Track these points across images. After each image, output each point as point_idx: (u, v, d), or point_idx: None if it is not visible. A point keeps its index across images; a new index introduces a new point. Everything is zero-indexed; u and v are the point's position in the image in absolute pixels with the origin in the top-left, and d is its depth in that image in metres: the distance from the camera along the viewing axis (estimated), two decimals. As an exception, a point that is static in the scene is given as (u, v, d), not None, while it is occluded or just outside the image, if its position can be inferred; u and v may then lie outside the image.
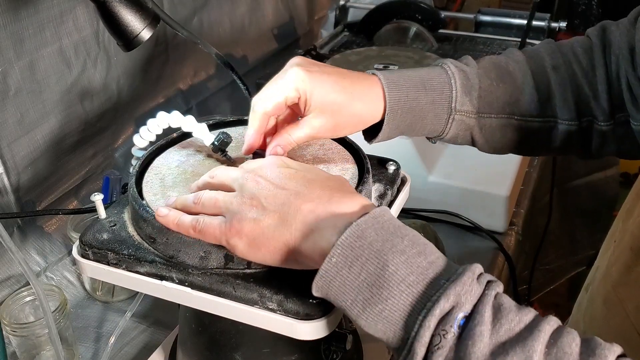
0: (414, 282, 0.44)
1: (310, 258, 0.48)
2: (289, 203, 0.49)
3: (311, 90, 0.59)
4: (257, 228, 0.49)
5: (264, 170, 0.53)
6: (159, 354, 0.78)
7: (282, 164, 0.54)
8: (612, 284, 0.69)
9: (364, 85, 0.63)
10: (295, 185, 0.51)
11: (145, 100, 1.14)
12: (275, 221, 0.49)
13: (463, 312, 0.42)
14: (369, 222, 0.46)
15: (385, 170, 0.67)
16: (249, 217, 0.50)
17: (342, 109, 0.61)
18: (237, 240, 0.50)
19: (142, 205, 0.57)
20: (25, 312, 0.82)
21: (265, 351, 0.64)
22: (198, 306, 0.55)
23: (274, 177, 0.52)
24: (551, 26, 1.33)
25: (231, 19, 1.32)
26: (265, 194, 0.50)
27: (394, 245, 0.45)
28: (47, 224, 0.98)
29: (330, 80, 0.60)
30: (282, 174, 0.52)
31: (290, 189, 0.51)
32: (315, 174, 0.53)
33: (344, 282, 0.46)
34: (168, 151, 0.68)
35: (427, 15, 1.34)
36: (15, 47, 0.83)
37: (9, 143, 0.86)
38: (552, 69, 0.68)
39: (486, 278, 0.45)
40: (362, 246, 0.45)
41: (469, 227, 1.06)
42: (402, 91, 0.64)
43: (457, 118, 0.67)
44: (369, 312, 0.45)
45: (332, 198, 0.49)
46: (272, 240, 0.49)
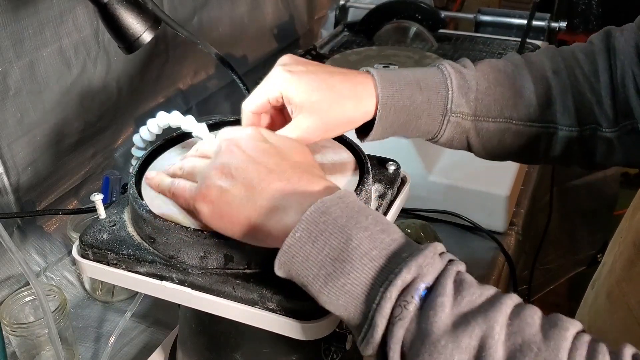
0: (376, 256, 0.44)
1: (271, 235, 0.48)
2: (258, 179, 0.50)
3: (294, 90, 0.58)
4: (222, 196, 0.50)
5: (240, 141, 0.53)
6: (159, 354, 0.78)
7: (260, 137, 0.54)
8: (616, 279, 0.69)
9: (354, 82, 0.62)
10: (267, 161, 0.51)
11: (145, 100, 1.14)
12: (242, 193, 0.49)
13: (425, 282, 0.42)
14: (334, 200, 0.47)
15: (385, 170, 0.67)
16: (217, 184, 0.50)
17: (330, 108, 0.59)
18: (202, 204, 0.51)
19: (142, 205, 0.57)
20: (25, 312, 0.82)
21: (265, 351, 0.64)
22: (198, 306, 0.55)
23: (249, 149, 0.52)
24: (551, 26, 1.33)
25: (231, 18, 1.32)
26: (237, 165, 0.51)
27: (358, 222, 0.46)
28: (47, 224, 0.98)
29: (316, 79, 0.59)
30: (257, 148, 0.52)
31: (262, 163, 0.51)
32: (289, 153, 0.53)
33: (307, 257, 0.46)
34: (168, 151, 0.68)
35: (427, 15, 1.34)
36: (15, 47, 0.83)
37: (9, 143, 0.86)
38: (553, 74, 0.66)
39: (448, 256, 0.45)
40: (326, 221, 0.46)
41: (469, 227, 1.06)
42: (396, 88, 0.62)
43: (453, 120, 0.65)
44: (330, 287, 0.45)
45: (301, 179, 0.50)
46: (236, 211, 0.49)
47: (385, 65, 1.13)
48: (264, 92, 0.60)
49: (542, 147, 0.68)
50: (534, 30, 1.30)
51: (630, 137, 0.65)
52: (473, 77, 0.66)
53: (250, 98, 0.61)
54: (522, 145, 0.68)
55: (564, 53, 0.68)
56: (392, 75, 0.64)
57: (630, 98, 0.63)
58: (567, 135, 0.66)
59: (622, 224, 0.74)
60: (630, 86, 0.63)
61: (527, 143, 0.67)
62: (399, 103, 0.63)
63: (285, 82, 0.59)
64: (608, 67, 0.65)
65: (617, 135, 0.65)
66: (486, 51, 1.28)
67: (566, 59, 0.68)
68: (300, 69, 0.60)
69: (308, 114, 0.59)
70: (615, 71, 0.65)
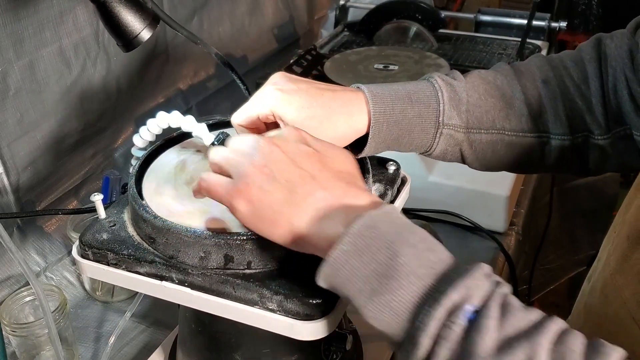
0: (423, 274, 0.44)
1: (314, 244, 0.48)
2: (302, 183, 0.48)
3: (285, 108, 0.59)
4: (264, 197, 0.48)
5: (281, 141, 0.51)
6: (158, 354, 0.78)
7: (302, 138, 0.52)
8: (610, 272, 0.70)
9: (345, 99, 0.61)
10: (310, 167, 0.49)
11: (145, 100, 1.14)
12: (285, 196, 0.48)
13: (472, 305, 0.42)
14: (380, 215, 0.46)
15: (385, 170, 0.67)
16: (258, 183, 0.48)
17: (321, 125, 0.59)
18: (241, 203, 0.49)
19: (141, 205, 0.57)
20: (25, 312, 0.82)
21: (265, 351, 0.64)
22: (198, 306, 0.55)
23: (291, 150, 0.50)
24: (551, 26, 1.33)
25: (231, 19, 1.32)
26: (279, 166, 0.49)
27: (406, 239, 0.45)
28: (47, 224, 0.98)
29: (306, 97, 0.59)
30: (299, 150, 0.50)
31: (305, 169, 0.49)
32: (332, 160, 0.51)
33: (352, 271, 0.45)
34: (168, 151, 0.68)
35: (427, 15, 1.34)
36: (15, 47, 0.83)
37: (9, 143, 0.86)
38: (542, 83, 0.66)
39: (495, 278, 0.45)
40: (373, 236, 0.45)
41: (469, 227, 1.06)
42: (387, 104, 0.62)
43: (445, 132, 0.65)
44: (375, 302, 0.44)
45: (347, 192, 0.49)
46: (278, 215, 0.48)
47: (385, 65, 1.13)
48: (253, 109, 0.60)
49: (535, 157, 0.68)
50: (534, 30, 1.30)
51: (623, 143, 0.65)
52: (464, 89, 0.66)
53: (240, 112, 0.61)
54: (515, 156, 0.68)
55: (553, 62, 0.68)
56: (382, 90, 0.63)
57: (623, 104, 0.63)
58: (560, 144, 0.66)
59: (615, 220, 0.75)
60: (624, 92, 0.63)
61: (520, 153, 0.67)
62: (391, 118, 0.63)
63: (276, 100, 0.59)
64: (599, 74, 0.65)
65: (610, 142, 0.65)
66: (486, 51, 1.27)
67: (555, 67, 0.68)
68: (291, 87, 0.60)
69: None
70: (606, 78, 0.65)
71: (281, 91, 0.59)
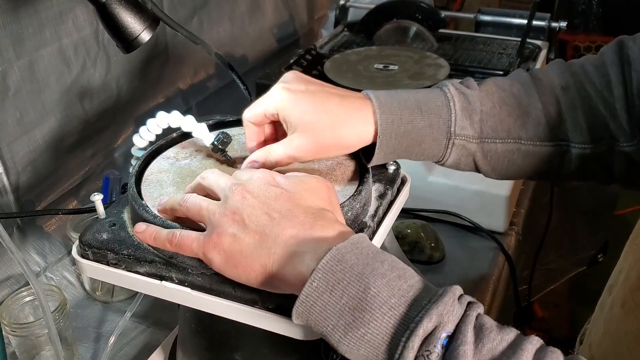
0: (395, 304, 0.44)
1: (288, 283, 0.48)
2: (271, 225, 0.49)
3: (290, 109, 0.59)
4: (235, 244, 0.49)
5: (252, 185, 0.52)
6: (158, 354, 0.78)
7: (272, 181, 0.53)
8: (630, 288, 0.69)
9: (351, 107, 0.60)
10: (280, 207, 0.50)
11: (145, 100, 1.14)
12: (255, 241, 0.49)
13: (446, 331, 0.42)
14: (348, 247, 0.47)
15: (385, 170, 0.67)
16: (229, 231, 0.49)
17: (323, 131, 0.59)
18: (214, 254, 0.50)
19: (141, 205, 0.57)
20: (25, 312, 0.82)
21: (265, 351, 0.64)
22: (198, 306, 0.55)
23: (261, 194, 0.51)
24: (551, 26, 1.33)
25: (231, 19, 1.32)
26: (249, 212, 0.50)
27: (375, 269, 0.46)
28: (46, 224, 0.98)
29: (312, 101, 0.59)
30: (269, 193, 0.51)
31: (274, 210, 0.50)
32: (302, 196, 0.52)
33: (325, 307, 0.45)
34: (168, 151, 0.68)
35: (427, 15, 1.34)
36: (15, 47, 0.83)
37: (9, 143, 0.86)
38: (562, 90, 0.64)
39: (467, 299, 0.45)
40: (343, 270, 0.45)
41: (469, 227, 1.06)
42: (395, 114, 0.61)
43: (458, 143, 0.63)
44: (350, 337, 0.45)
45: (314, 225, 0.49)
46: (250, 259, 0.49)
47: (385, 65, 1.13)
48: (261, 107, 0.61)
49: (554, 166, 0.66)
50: (534, 30, 1.30)
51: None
52: (477, 97, 0.64)
53: (250, 109, 0.62)
54: (533, 165, 0.66)
55: (573, 67, 0.66)
56: (391, 98, 0.62)
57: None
58: (581, 153, 0.64)
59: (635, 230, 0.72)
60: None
61: (539, 162, 0.65)
62: (400, 129, 0.61)
63: (282, 101, 0.59)
64: (622, 79, 0.63)
65: (636, 149, 0.63)
66: (486, 51, 1.27)
67: (575, 73, 0.65)
68: (300, 88, 0.60)
69: (301, 134, 0.59)
70: (630, 82, 0.62)
71: (289, 91, 0.59)
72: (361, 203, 0.59)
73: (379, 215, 0.62)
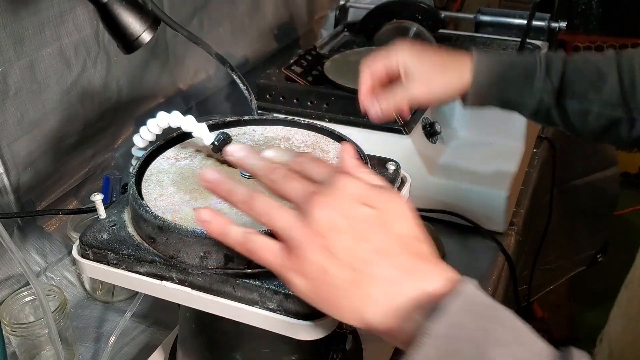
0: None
1: (390, 336, 0.43)
2: (366, 262, 0.43)
3: (409, 63, 0.74)
4: (323, 277, 0.43)
5: (336, 199, 0.44)
6: (159, 354, 0.78)
7: (361, 194, 0.45)
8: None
9: (454, 59, 0.76)
10: (373, 236, 0.43)
11: (145, 100, 1.14)
12: (349, 277, 0.43)
13: None
14: (461, 305, 0.41)
15: (385, 170, 0.67)
16: (315, 260, 0.43)
17: (434, 78, 0.74)
18: (296, 279, 0.44)
19: (142, 205, 0.57)
20: (25, 312, 0.82)
21: (265, 351, 0.64)
22: (198, 306, 0.55)
23: (350, 214, 0.44)
24: (551, 26, 1.33)
25: (231, 19, 1.32)
26: (337, 238, 0.43)
27: (494, 336, 0.40)
28: (47, 224, 0.98)
29: (425, 56, 0.75)
30: (358, 214, 0.44)
31: (367, 240, 0.43)
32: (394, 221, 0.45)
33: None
34: (168, 151, 0.69)
35: (427, 15, 1.34)
36: (15, 47, 0.83)
37: (9, 143, 0.86)
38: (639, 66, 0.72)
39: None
40: (459, 337, 0.40)
41: (469, 227, 1.06)
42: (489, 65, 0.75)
43: (538, 95, 0.75)
44: None
45: (414, 267, 0.44)
46: (342, 299, 0.43)
47: (385, 65, 1.13)
48: (385, 59, 0.74)
49: (623, 131, 0.73)
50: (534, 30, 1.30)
51: None
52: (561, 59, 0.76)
53: (373, 60, 0.73)
54: (604, 128, 0.74)
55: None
56: (487, 54, 0.77)
57: None
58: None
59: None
60: None
61: (608, 125, 0.73)
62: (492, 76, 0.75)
63: (404, 56, 0.74)
64: None
65: None
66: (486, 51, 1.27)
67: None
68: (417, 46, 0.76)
69: (416, 81, 0.73)
70: None
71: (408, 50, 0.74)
72: (361, 203, 0.59)
73: (378, 215, 0.62)
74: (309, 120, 0.76)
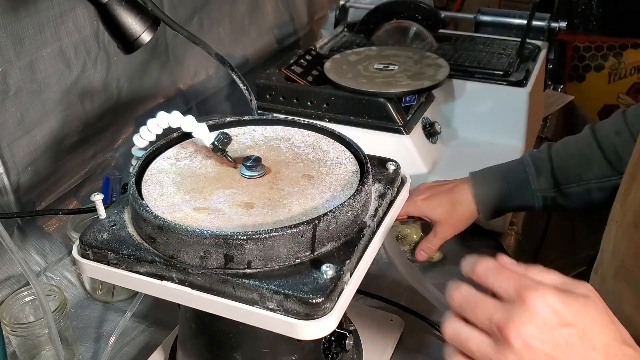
0: None
1: None
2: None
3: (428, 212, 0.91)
4: None
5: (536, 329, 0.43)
6: (159, 354, 0.78)
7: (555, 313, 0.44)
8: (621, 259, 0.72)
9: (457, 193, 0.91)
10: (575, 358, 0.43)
11: (145, 100, 1.14)
12: None
13: None
14: None
15: (385, 170, 0.67)
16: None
17: (450, 216, 0.90)
18: None
19: (142, 205, 0.57)
20: (25, 312, 0.82)
21: (265, 351, 0.64)
22: (198, 306, 0.55)
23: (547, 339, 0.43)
24: (551, 26, 1.33)
25: (231, 19, 1.32)
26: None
27: None
28: (47, 224, 0.98)
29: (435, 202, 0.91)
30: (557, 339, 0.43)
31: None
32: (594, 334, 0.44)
33: None
34: (168, 151, 0.69)
35: (427, 15, 1.34)
36: (15, 47, 0.83)
37: (9, 143, 0.86)
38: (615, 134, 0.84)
39: None
40: None
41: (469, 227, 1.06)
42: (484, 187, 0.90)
43: (540, 195, 0.89)
44: None
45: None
46: None
47: (385, 65, 1.13)
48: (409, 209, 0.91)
49: None
50: (534, 30, 1.30)
51: None
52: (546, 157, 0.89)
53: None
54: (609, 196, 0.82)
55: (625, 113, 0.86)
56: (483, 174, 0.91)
57: None
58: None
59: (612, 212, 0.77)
60: None
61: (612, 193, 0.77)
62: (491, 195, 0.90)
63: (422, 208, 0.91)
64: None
65: None
66: (486, 51, 1.27)
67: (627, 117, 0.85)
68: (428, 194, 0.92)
69: (439, 223, 0.91)
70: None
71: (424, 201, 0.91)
72: (361, 203, 0.59)
73: (379, 215, 0.62)
74: (309, 120, 0.76)
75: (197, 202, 0.60)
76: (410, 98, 1.06)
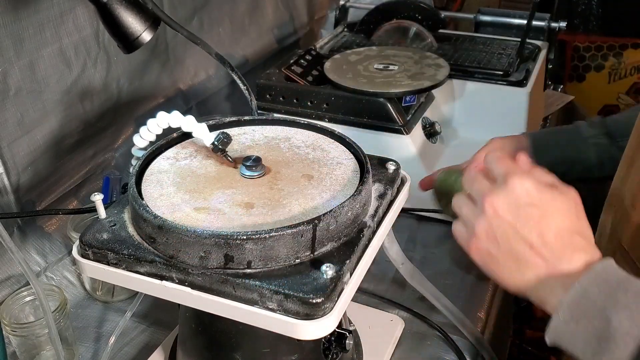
0: (637, 335, 0.47)
1: (537, 302, 0.55)
2: (521, 252, 0.55)
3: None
4: (490, 259, 0.57)
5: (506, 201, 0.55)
6: (159, 354, 0.78)
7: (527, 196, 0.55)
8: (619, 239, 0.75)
9: None
10: (529, 233, 0.54)
11: (145, 100, 1.14)
12: (507, 263, 0.56)
13: None
14: (592, 280, 0.51)
15: (385, 170, 0.67)
16: (484, 246, 0.56)
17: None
18: (474, 254, 0.58)
19: (142, 205, 0.57)
20: (25, 312, 0.82)
21: (265, 351, 0.64)
22: (198, 306, 0.55)
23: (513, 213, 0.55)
24: (551, 26, 1.33)
25: (231, 19, 1.32)
26: (501, 232, 0.55)
27: (617, 301, 0.49)
28: (47, 224, 0.98)
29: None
30: (520, 213, 0.55)
31: (524, 236, 0.54)
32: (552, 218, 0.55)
33: (573, 335, 0.51)
34: (168, 151, 0.69)
35: (427, 15, 1.34)
36: (15, 47, 0.83)
37: (9, 143, 0.86)
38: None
39: None
40: (586, 304, 0.50)
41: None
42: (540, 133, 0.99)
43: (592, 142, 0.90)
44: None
45: (563, 256, 0.54)
46: (506, 276, 0.57)
47: (385, 65, 1.13)
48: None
49: None
50: (534, 30, 1.30)
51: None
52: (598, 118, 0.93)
53: None
54: None
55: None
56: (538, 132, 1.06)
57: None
58: None
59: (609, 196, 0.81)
60: None
61: None
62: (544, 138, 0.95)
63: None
64: None
65: None
66: (486, 51, 1.27)
67: None
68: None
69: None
70: None
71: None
72: (361, 203, 0.59)
73: (379, 215, 0.62)
74: (309, 120, 0.76)
75: (197, 202, 0.60)
76: (410, 98, 1.06)
